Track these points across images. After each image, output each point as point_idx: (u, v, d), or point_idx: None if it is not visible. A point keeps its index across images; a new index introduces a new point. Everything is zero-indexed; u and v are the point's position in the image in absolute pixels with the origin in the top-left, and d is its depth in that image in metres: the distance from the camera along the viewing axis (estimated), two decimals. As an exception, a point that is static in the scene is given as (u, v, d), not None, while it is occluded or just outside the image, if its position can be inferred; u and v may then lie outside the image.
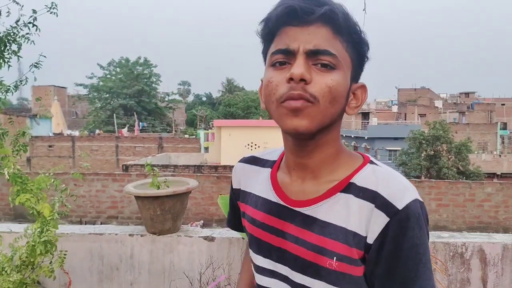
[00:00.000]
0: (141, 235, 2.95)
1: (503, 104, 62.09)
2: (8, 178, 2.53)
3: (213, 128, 29.70)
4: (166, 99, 60.07)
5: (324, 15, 0.79)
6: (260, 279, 0.94)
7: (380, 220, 0.79)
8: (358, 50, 0.85)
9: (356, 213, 0.82)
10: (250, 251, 0.97)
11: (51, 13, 3.57)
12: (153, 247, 2.93)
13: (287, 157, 0.92)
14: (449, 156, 24.10)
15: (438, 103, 57.35)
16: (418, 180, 13.26)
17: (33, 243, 2.47)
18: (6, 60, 3.01)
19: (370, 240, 0.80)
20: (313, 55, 0.80)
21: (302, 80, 0.79)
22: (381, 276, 0.80)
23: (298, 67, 0.79)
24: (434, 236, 2.99)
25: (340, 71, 0.81)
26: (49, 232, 2.51)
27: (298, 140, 0.86)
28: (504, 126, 50.33)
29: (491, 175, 29.35)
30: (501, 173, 31.52)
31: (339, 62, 0.81)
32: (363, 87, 0.89)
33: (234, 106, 54.10)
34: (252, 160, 1.03)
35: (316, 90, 0.79)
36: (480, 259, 2.88)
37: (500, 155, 35.84)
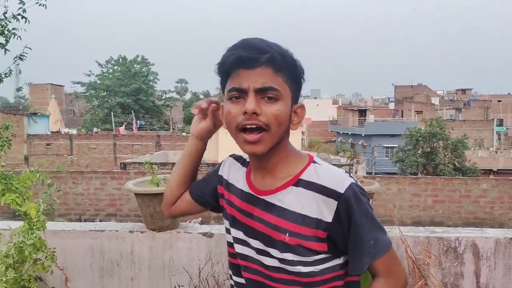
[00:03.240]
0: (141, 232, 3.00)
1: (500, 101, 62.22)
2: None
3: (210, 125, 29.62)
4: (164, 97, 59.95)
5: (266, 61, 1.05)
6: (236, 247, 1.22)
7: (331, 204, 1.08)
8: (295, 79, 1.12)
9: (307, 201, 1.10)
10: (230, 228, 1.25)
11: (39, 5, 3.54)
12: (153, 244, 2.98)
13: (251, 161, 1.22)
14: (446, 153, 24.21)
15: (435, 100, 57.39)
16: (415, 176, 13.34)
17: (21, 245, 2.45)
18: None
19: (327, 219, 1.08)
20: (260, 91, 1.06)
21: (254, 113, 1.05)
22: (353, 240, 1.09)
23: (250, 104, 1.05)
24: (428, 231, 3.05)
25: (282, 101, 1.08)
26: (34, 235, 2.47)
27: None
28: (501, 123, 50.55)
29: (487, 172, 29.49)
30: (497, 169, 31.68)
31: (281, 94, 1.07)
32: (302, 106, 1.16)
33: (232, 103, 53.97)
34: (238, 158, 1.32)
35: (266, 119, 1.06)
36: (473, 253, 2.94)
37: (496, 152, 35.98)
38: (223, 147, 21.85)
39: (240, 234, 1.21)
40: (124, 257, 3.00)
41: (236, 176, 1.27)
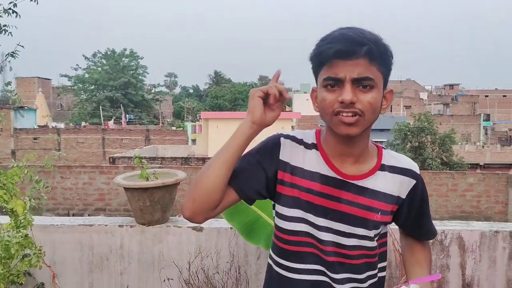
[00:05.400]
0: (131, 226, 2.99)
1: (487, 96, 62.98)
2: None
3: (200, 120, 29.60)
4: (153, 91, 59.55)
5: (364, 53, 1.09)
6: (310, 232, 1.24)
7: (411, 182, 1.28)
8: (387, 65, 1.17)
9: (393, 183, 1.25)
10: (305, 213, 1.24)
11: (31, 0, 3.51)
12: (142, 238, 2.98)
13: (334, 146, 1.23)
14: (434, 147, 24.43)
15: (423, 95, 57.88)
16: (403, 171, 13.43)
17: (7, 243, 2.42)
18: None
19: (403, 196, 1.27)
20: (356, 81, 1.10)
21: (351, 102, 1.10)
22: (416, 214, 1.33)
23: (348, 93, 1.10)
24: (415, 224, 3.09)
25: (376, 89, 1.14)
26: (20, 233, 2.45)
27: (349, 137, 1.17)
28: (487, 118, 51.11)
29: (474, 166, 29.82)
30: (484, 164, 32.05)
31: (375, 83, 1.13)
32: (391, 91, 1.24)
33: (221, 98, 53.91)
34: (295, 140, 1.27)
35: (362, 107, 1.11)
36: (459, 246, 2.99)
37: (483, 146, 36.42)
38: (213, 142, 21.81)
39: (319, 220, 1.23)
40: (113, 252, 2.99)
41: (304, 159, 1.24)
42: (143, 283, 2.98)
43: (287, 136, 1.27)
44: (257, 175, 1.23)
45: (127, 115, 44.81)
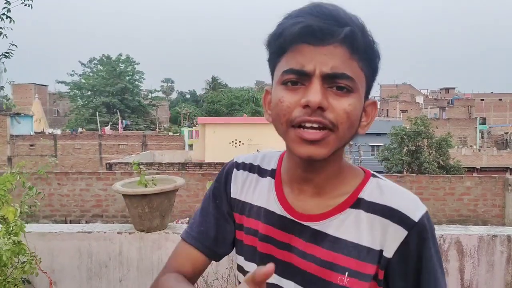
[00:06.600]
0: (130, 233, 2.99)
1: (483, 100, 63.37)
2: None
3: (197, 125, 29.60)
4: (149, 96, 59.59)
5: (344, 37, 0.75)
6: None
7: (398, 233, 0.80)
8: (372, 65, 0.81)
9: (368, 228, 0.82)
10: (248, 263, 0.93)
11: (25, 5, 3.52)
12: (141, 244, 2.98)
13: (291, 171, 0.88)
14: (430, 151, 24.55)
15: (419, 99, 58.10)
16: (400, 175, 13.50)
17: None
18: None
19: (388, 254, 0.80)
20: (329, 78, 0.75)
21: (320, 107, 0.75)
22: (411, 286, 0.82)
23: (316, 94, 0.74)
24: (413, 229, 3.09)
25: (356, 94, 0.78)
26: (10, 241, 2.41)
27: (312, 161, 0.81)
28: (483, 121, 51.32)
29: (471, 169, 29.94)
30: (481, 167, 32.16)
31: (355, 85, 0.77)
32: (374, 103, 0.86)
33: (218, 103, 53.91)
34: (252, 168, 0.97)
35: (334, 116, 0.76)
36: (457, 251, 3.00)
37: (479, 150, 36.57)
38: (210, 147, 21.81)
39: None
40: (112, 259, 2.99)
41: (254, 191, 0.95)
42: (142, 290, 2.98)
43: (240, 165, 0.98)
44: (223, 226, 0.97)
45: (123, 121, 44.74)
